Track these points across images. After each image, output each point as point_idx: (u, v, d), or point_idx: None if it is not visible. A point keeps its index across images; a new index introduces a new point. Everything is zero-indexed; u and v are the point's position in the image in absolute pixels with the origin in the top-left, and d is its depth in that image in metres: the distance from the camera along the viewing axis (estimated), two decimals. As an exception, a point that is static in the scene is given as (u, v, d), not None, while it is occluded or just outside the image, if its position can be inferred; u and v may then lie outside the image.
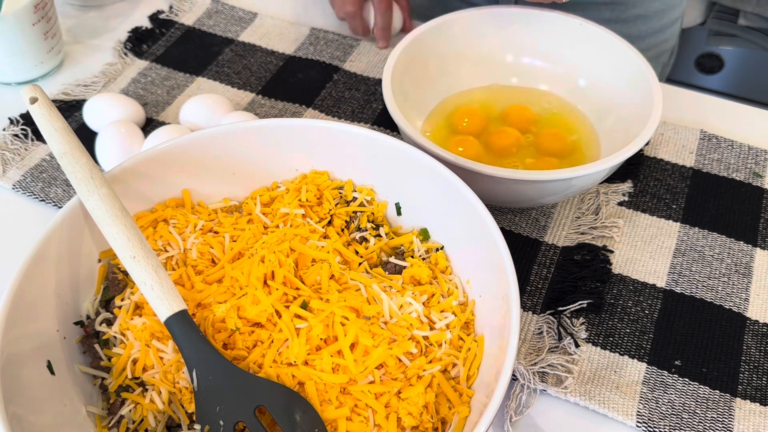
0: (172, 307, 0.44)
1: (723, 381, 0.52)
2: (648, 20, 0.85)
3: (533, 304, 0.56)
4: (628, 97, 0.63)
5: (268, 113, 0.72)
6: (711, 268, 0.59)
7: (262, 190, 0.56)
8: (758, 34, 1.49)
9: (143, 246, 0.46)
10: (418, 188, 0.53)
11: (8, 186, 0.65)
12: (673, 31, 0.90)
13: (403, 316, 0.47)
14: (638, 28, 0.85)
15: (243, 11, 0.83)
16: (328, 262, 0.50)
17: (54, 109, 0.50)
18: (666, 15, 0.87)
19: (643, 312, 0.56)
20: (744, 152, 0.67)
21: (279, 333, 0.46)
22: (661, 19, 0.87)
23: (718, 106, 0.73)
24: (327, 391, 0.44)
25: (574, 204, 0.63)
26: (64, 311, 0.48)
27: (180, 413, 0.45)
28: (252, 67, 0.77)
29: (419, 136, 0.55)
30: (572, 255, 0.59)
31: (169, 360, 0.45)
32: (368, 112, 0.72)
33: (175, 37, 0.80)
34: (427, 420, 0.44)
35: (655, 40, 0.88)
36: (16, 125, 0.69)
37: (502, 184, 0.55)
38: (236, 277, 0.48)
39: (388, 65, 0.62)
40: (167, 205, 0.54)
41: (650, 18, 0.85)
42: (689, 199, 0.64)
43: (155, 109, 0.72)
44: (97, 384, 0.48)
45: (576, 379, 0.52)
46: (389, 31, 0.78)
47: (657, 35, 0.88)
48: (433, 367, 0.46)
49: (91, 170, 0.48)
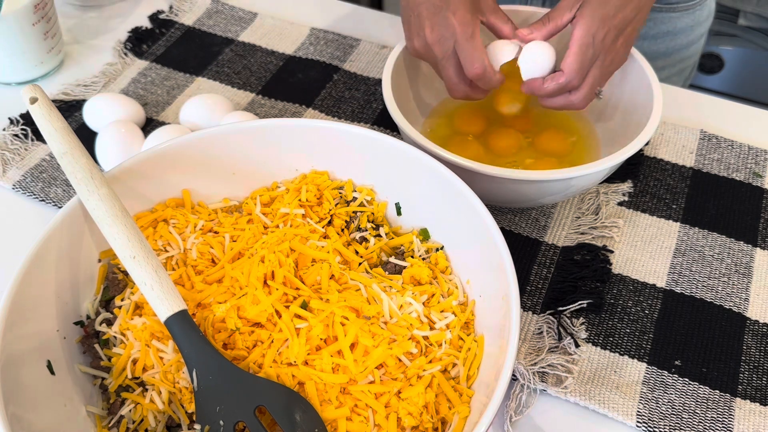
0: (172, 307, 0.44)
1: (723, 381, 0.52)
2: (676, 37, 0.84)
3: (533, 304, 0.56)
4: (628, 97, 0.63)
5: (268, 113, 0.72)
6: (711, 268, 0.59)
7: (262, 190, 0.56)
8: (758, 34, 1.49)
9: (143, 246, 0.46)
10: (418, 188, 0.53)
11: (8, 186, 0.65)
12: (698, 47, 0.89)
13: (403, 316, 0.47)
14: (666, 44, 0.83)
15: (243, 11, 0.83)
16: (328, 262, 0.50)
17: (54, 109, 0.50)
18: (694, 31, 0.85)
19: (643, 312, 0.56)
20: (744, 152, 0.67)
21: (279, 333, 0.46)
22: (689, 36, 0.85)
23: (718, 106, 0.73)
24: (327, 391, 0.44)
25: (574, 204, 0.63)
26: (64, 311, 0.48)
27: (180, 413, 0.45)
28: (252, 67, 0.77)
29: (419, 136, 0.55)
30: (572, 255, 0.59)
31: (169, 360, 0.45)
32: (368, 112, 0.72)
33: (175, 37, 0.80)
34: (427, 420, 0.44)
35: (681, 55, 0.86)
36: (16, 125, 0.69)
37: (502, 184, 0.55)
38: (236, 277, 0.48)
39: (388, 65, 0.62)
40: (167, 205, 0.54)
41: (678, 34, 0.84)
42: (689, 199, 0.64)
43: (155, 109, 0.72)
44: (97, 384, 0.48)
45: (576, 379, 0.52)
46: None
47: (683, 51, 0.86)
48: (433, 367, 0.46)
49: (91, 170, 0.48)
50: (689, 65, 0.90)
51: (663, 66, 0.84)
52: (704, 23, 0.86)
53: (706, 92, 0.79)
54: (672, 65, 0.85)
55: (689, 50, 0.87)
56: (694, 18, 0.83)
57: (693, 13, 0.82)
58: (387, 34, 0.81)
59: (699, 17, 0.84)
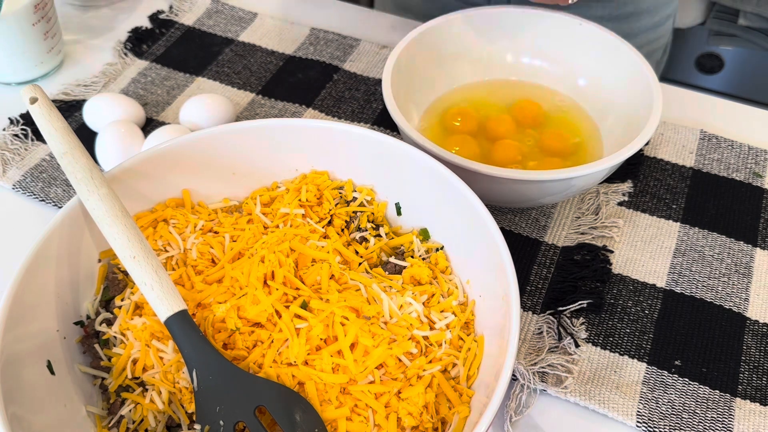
0: (172, 307, 0.44)
1: (723, 381, 0.52)
2: (641, 17, 0.85)
3: (533, 304, 0.56)
4: (628, 97, 0.63)
5: (268, 113, 0.72)
6: (711, 268, 0.59)
7: (262, 190, 0.56)
8: (758, 34, 1.49)
9: (143, 246, 0.46)
10: (418, 188, 0.53)
11: (8, 186, 0.65)
12: (666, 28, 0.90)
13: (403, 316, 0.47)
14: (631, 26, 0.84)
15: (243, 11, 0.83)
16: (328, 262, 0.50)
17: (54, 109, 0.50)
18: (658, 12, 0.86)
19: (643, 312, 0.56)
20: (744, 152, 0.67)
21: (279, 333, 0.46)
22: (654, 16, 0.86)
23: (718, 106, 0.73)
24: (327, 391, 0.44)
25: (574, 204, 0.63)
26: (64, 311, 0.48)
27: (180, 413, 0.45)
28: (252, 67, 0.77)
29: (419, 136, 0.55)
30: (572, 255, 0.59)
31: (169, 360, 0.45)
32: (368, 112, 0.72)
33: (175, 37, 0.80)
34: (427, 420, 0.44)
35: (648, 37, 0.87)
36: (16, 125, 0.69)
37: (502, 184, 0.55)
38: (236, 277, 0.48)
39: (388, 65, 0.62)
40: (167, 205, 0.54)
41: (643, 15, 0.85)
42: (689, 199, 0.64)
43: (155, 109, 0.72)
44: (97, 384, 0.48)
45: (576, 379, 0.52)
46: None
47: (650, 32, 0.87)
48: (433, 367, 0.46)
49: (91, 170, 0.48)
50: (659, 47, 0.90)
51: None
52: (670, 4, 0.87)
53: (706, 92, 0.79)
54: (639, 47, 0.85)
55: (656, 32, 0.87)
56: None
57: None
58: (387, 34, 0.81)
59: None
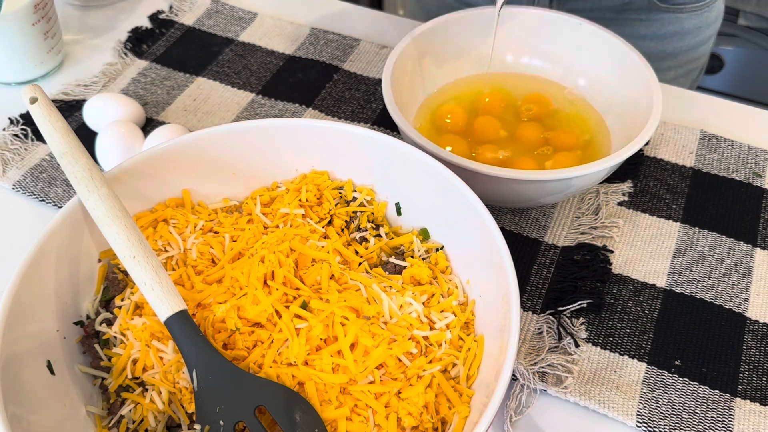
0: (172, 307, 0.44)
1: (723, 381, 0.52)
2: (684, 37, 0.84)
3: (533, 304, 0.56)
4: (628, 97, 0.63)
5: (268, 113, 0.72)
6: (711, 268, 0.59)
7: (262, 190, 0.56)
8: (758, 34, 1.49)
9: (143, 246, 0.46)
10: (418, 188, 0.53)
11: (8, 186, 0.65)
12: (706, 48, 0.89)
13: (403, 316, 0.47)
14: (674, 45, 0.84)
15: (243, 11, 0.83)
16: (328, 262, 0.50)
17: (54, 109, 0.50)
18: (702, 32, 0.85)
19: (643, 312, 0.56)
20: (744, 152, 0.67)
21: (279, 333, 0.46)
22: (697, 36, 0.85)
23: (718, 106, 0.73)
24: (327, 391, 0.44)
25: (574, 204, 0.63)
26: (64, 311, 0.48)
27: (180, 413, 0.45)
28: (252, 67, 0.77)
29: (419, 136, 0.55)
30: (572, 255, 0.59)
31: (169, 360, 0.45)
32: (368, 112, 0.72)
33: (175, 37, 0.80)
34: (427, 420, 0.44)
35: (689, 56, 0.86)
36: (16, 125, 0.69)
37: (502, 184, 0.55)
38: (236, 277, 0.48)
39: (388, 65, 0.62)
40: (167, 205, 0.54)
41: (686, 35, 0.84)
42: (689, 199, 0.64)
43: (155, 109, 0.72)
44: (97, 384, 0.48)
45: (576, 379, 0.52)
46: None
47: (690, 52, 0.86)
48: (433, 367, 0.46)
49: (91, 170, 0.48)
50: (697, 66, 0.90)
51: (670, 66, 0.85)
52: (713, 25, 0.86)
53: (706, 92, 0.79)
54: (679, 66, 0.85)
55: (697, 51, 0.87)
56: (702, 19, 0.84)
57: (701, 15, 0.83)
58: (387, 34, 0.81)
59: (707, 19, 0.84)
